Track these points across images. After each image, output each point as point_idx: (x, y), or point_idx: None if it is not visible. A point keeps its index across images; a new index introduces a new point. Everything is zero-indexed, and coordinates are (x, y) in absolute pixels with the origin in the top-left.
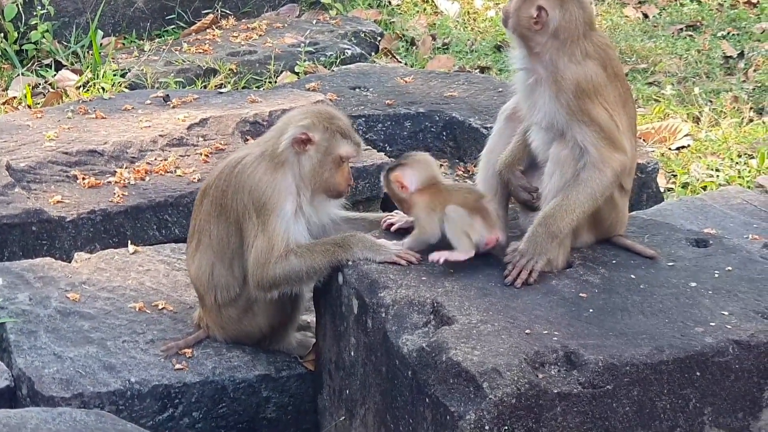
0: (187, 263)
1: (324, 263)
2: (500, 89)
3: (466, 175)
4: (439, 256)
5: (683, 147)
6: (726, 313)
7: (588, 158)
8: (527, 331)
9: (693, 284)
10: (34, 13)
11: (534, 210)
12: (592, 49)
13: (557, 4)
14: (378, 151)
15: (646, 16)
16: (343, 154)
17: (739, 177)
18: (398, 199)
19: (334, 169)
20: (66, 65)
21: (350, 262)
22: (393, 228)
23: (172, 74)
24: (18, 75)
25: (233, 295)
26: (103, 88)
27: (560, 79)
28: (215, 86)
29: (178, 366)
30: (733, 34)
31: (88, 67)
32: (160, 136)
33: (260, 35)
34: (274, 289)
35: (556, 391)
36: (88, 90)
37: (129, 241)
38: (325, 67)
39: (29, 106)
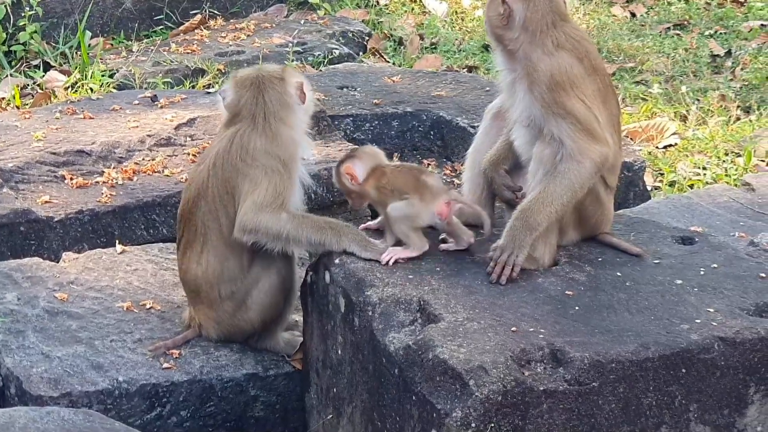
0: (186, 267)
1: (310, 238)
2: (487, 88)
3: (453, 174)
4: (390, 256)
5: (670, 145)
6: (711, 310)
7: (564, 150)
8: (513, 328)
9: (679, 282)
10: (23, 14)
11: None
12: (564, 39)
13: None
14: None
15: (633, 15)
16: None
17: (726, 175)
18: (349, 191)
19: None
20: (54, 66)
21: (335, 250)
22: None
23: (161, 75)
24: (6, 76)
25: (235, 288)
26: (91, 89)
27: (533, 71)
28: (203, 86)
29: (165, 365)
30: (721, 33)
31: (76, 67)
32: (148, 136)
33: (248, 35)
34: (251, 235)
35: (542, 389)
36: (76, 90)
37: (117, 241)
38: (313, 66)
39: (17, 107)
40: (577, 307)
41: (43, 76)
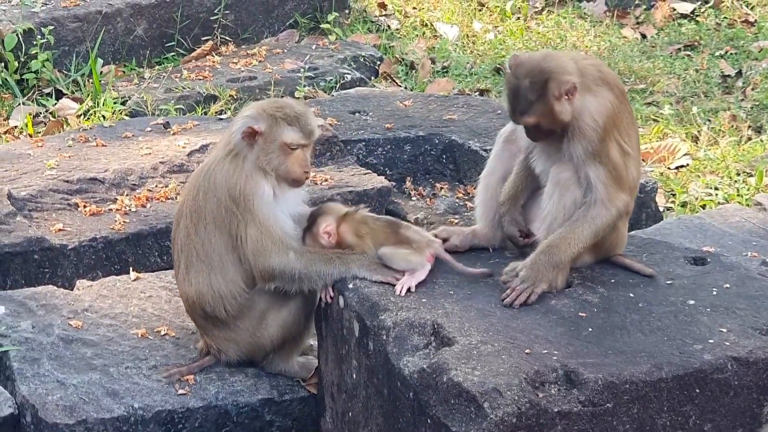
0: (181, 290)
1: (321, 270)
2: (499, 112)
3: (466, 197)
4: (404, 286)
5: (682, 166)
6: (724, 330)
7: (597, 195)
8: (527, 350)
9: (691, 302)
10: (34, 43)
11: (517, 246)
12: (597, 74)
13: (569, 66)
14: (378, 175)
15: (644, 36)
16: (288, 141)
17: (737, 195)
18: (327, 249)
19: (284, 157)
20: (66, 94)
21: (347, 278)
22: None
23: (173, 101)
24: (19, 104)
25: (242, 303)
26: (103, 116)
27: (578, 117)
28: (215, 112)
29: (181, 391)
30: (731, 53)
31: (88, 95)
32: (161, 162)
33: (260, 61)
34: (271, 282)
35: (556, 410)
36: (88, 118)
37: (131, 268)
38: (325, 91)
39: (30, 135)
40: (590, 329)
41: (56, 104)
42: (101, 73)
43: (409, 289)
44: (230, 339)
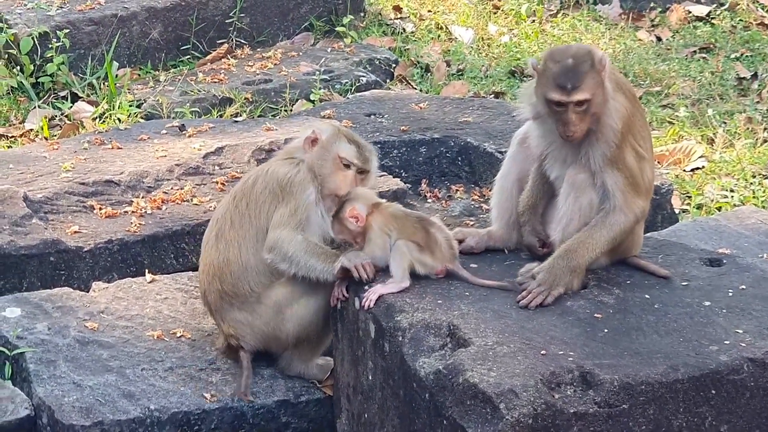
0: (205, 259)
1: (314, 265)
2: (514, 114)
3: (481, 199)
4: (372, 295)
5: (697, 168)
6: (740, 331)
7: (615, 202)
8: (543, 351)
9: (707, 303)
10: (50, 46)
11: (536, 256)
12: (613, 79)
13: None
14: (394, 177)
15: (659, 39)
16: (342, 155)
17: (753, 197)
18: (355, 235)
19: (334, 170)
20: (82, 97)
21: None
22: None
23: (188, 104)
24: (34, 107)
25: (264, 284)
26: (119, 119)
27: (602, 126)
28: (231, 115)
29: (206, 395)
30: (747, 56)
31: (103, 98)
32: (176, 165)
33: (275, 64)
34: (270, 252)
35: (572, 411)
36: (104, 121)
37: (146, 270)
38: (341, 94)
39: (46, 138)
40: (606, 330)
41: (71, 107)
42: (116, 76)
43: (371, 302)
44: (247, 323)
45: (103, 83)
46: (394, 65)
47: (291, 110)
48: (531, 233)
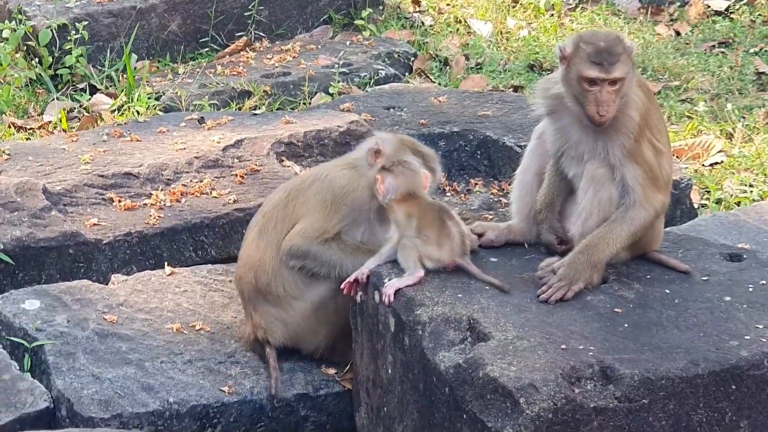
0: (244, 254)
1: (345, 263)
2: (533, 108)
3: (500, 193)
4: (389, 290)
5: (716, 163)
6: (761, 326)
7: (635, 197)
8: (563, 346)
9: (727, 298)
10: (69, 38)
11: (552, 253)
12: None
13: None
14: None
15: (678, 33)
16: None
17: None
18: (378, 200)
19: None
20: (100, 89)
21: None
22: None
23: (207, 97)
24: (53, 99)
25: (303, 285)
26: (137, 112)
27: (621, 117)
28: (249, 108)
29: (225, 388)
30: (766, 51)
31: (122, 90)
32: (196, 158)
33: (294, 57)
34: (296, 261)
35: (592, 406)
36: (122, 113)
37: (165, 263)
38: (359, 87)
39: (64, 130)
40: (626, 325)
41: (89, 99)
42: (135, 68)
43: (391, 297)
44: (280, 318)
45: (122, 75)
46: (412, 59)
47: (309, 103)
48: (548, 231)
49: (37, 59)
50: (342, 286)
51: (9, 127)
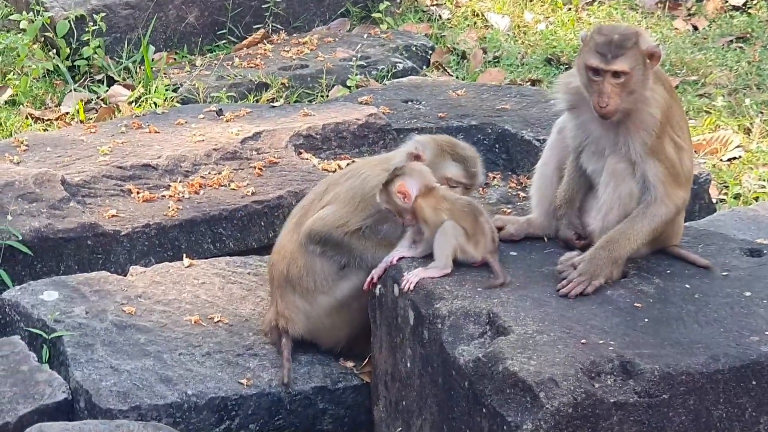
0: (279, 243)
1: (365, 255)
2: (552, 101)
3: (518, 187)
4: (413, 278)
5: (735, 158)
6: None
7: (656, 194)
8: (583, 341)
9: (747, 294)
10: (86, 29)
11: (571, 248)
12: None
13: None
14: None
15: (695, 28)
16: (449, 176)
17: None
18: (400, 210)
19: None
20: (118, 81)
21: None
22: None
23: (224, 89)
24: (70, 91)
25: (332, 281)
26: (155, 103)
27: (638, 115)
28: (267, 100)
29: (244, 381)
30: None
31: (140, 82)
32: (214, 149)
33: (311, 50)
34: (316, 245)
35: (612, 401)
36: (140, 105)
37: (184, 255)
38: (377, 80)
39: (82, 122)
40: (646, 319)
41: (107, 90)
42: (153, 60)
43: (411, 285)
44: (304, 310)
45: (139, 67)
46: (430, 52)
47: (327, 96)
48: (567, 227)
49: (54, 50)
50: (365, 286)
51: (27, 118)
